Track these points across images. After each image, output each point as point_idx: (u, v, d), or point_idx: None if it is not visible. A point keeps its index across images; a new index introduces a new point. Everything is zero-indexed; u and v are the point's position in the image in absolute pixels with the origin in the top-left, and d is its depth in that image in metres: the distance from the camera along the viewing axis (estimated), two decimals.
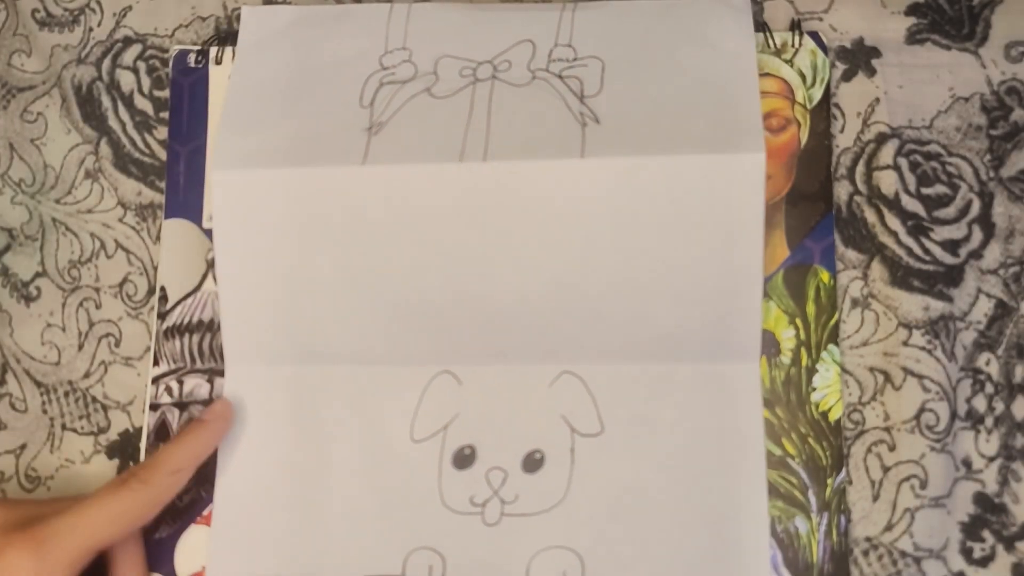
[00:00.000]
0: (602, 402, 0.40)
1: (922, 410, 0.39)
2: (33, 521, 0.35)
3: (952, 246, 0.41)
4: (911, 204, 0.41)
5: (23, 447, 0.43)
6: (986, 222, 0.41)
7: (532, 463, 0.40)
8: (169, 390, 0.42)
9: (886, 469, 0.39)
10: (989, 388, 0.40)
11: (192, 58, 0.45)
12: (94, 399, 0.43)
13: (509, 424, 0.40)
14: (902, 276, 0.41)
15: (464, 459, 0.40)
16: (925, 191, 0.41)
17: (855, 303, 0.41)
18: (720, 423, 0.39)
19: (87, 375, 0.43)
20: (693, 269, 0.39)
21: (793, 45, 0.43)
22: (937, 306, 0.40)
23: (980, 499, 0.39)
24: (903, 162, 0.41)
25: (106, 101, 0.45)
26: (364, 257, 0.40)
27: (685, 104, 0.40)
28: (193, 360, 0.42)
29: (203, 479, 0.41)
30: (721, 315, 0.39)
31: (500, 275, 0.40)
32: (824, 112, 0.41)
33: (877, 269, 0.41)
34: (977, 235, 0.41)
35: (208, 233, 0.43)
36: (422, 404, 0.41)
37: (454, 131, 0.40)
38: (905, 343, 0.40)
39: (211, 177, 0.42)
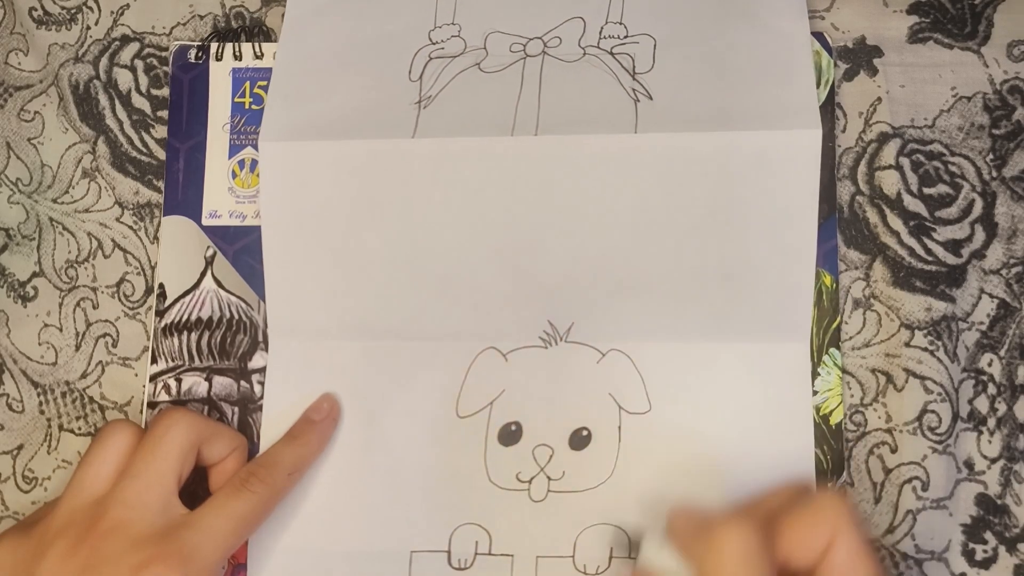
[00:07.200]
0: (650, 380, 0.40)
1: (924, 411, 0.39)
2: (169, 533, 0.35)
3: (954, 246, 0.40)
4: (913, 204, 0.41)
5: (20, 448, 0.43)
6: (988, 222, 0.41)
7: (579, 440, 0.40)
8: (167, 388, 0.42)
9: (888, 471, 0.39)
10: (991, 389, 0.40)
11: (192, 54, 0.44)
12: (91, 399, 0.43)
13: (556, 401, 0.40)
14: (904, 276, 0.40)
15: (510, 435, 0.40)
16: (927, 191, 0.41)
17: (857, 304, 0.40)
18: (768, 403, 0.39)
19: (84, 375, 0.43)
20: (745, 247, 0.39)
21: None
22: (939, 307, 0.40)
23: (982, 501, 0.39)
24: (905, 162, 0.41)
25: (103, 100, 0.45)
26: (411, 231, 0.41)
27: (739, 81, 0.40)
28: (191, 358, 0.42)
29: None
30: (772, 294, 0.39)
31: (549, 251, 0.40)
32: (828, 114, 0.41)
33: (879, 269, 0.40)
34: (979, 235, 0.40)
35: (207, 230, 0.43)
36: (467, 380, 0.41)
37: (504, 105, 0.41)
38: (907, 344, 0.40)
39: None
